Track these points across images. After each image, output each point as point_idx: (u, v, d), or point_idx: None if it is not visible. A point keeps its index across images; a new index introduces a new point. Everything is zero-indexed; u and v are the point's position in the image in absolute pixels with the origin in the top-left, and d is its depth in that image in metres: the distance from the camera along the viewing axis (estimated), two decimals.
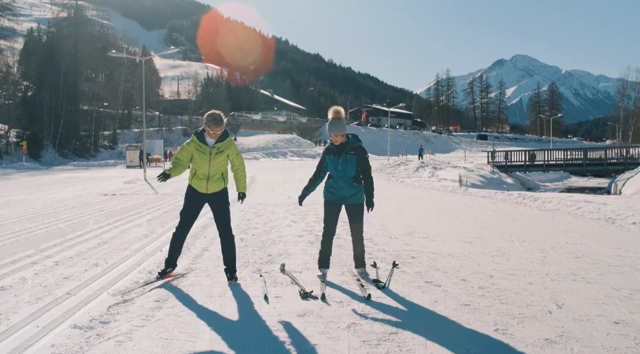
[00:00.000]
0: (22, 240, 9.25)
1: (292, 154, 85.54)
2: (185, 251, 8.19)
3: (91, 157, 67.25)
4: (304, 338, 4.40)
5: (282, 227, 10.78)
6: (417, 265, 7.22)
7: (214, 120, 6.05)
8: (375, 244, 8.83)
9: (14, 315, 5.00)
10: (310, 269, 6.92)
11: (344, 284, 6.16)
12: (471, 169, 39.31)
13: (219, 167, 6.26)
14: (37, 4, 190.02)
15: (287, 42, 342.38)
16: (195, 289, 5.95)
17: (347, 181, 6.27)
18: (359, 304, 5.35)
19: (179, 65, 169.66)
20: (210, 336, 4.43)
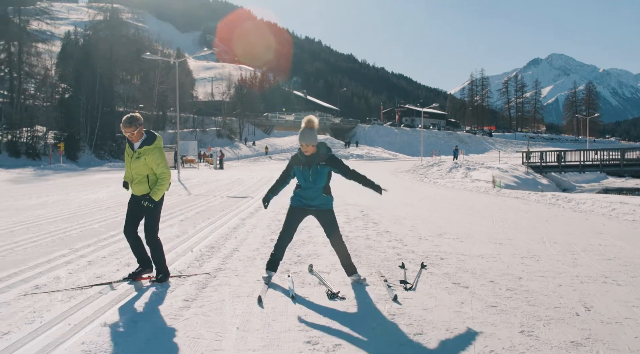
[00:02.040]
0: (57, 240, 9.45)
1: None
2: (215, 251, 8.31)
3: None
4: (328, 337, 4.44)
5: (312, 228, 10.80)
6: (446, 266, 7.21)
7: (124, 120, 6.17)
8: (404, 245, 8.83)
9: (47, 313, 5.13)
10: (339, 270, 6.94)
11: (371, 285, 6.18)
12: (505, 169, 38.96)
13: (139, 171, 6.27)
14: (75, 7, 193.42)
15: (320, 42, 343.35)
16: (224, 289, 6.03)
17: (317, 191, 6.22)
18: (385, 305, 5.37)
19: (213, 67, 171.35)
20: (237, 336, 4.49)
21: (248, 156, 79.20)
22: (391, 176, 34.70)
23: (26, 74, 65.30)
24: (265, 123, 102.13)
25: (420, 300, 5.54)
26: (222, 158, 52.14)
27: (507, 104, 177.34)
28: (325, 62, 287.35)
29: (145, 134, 6.30)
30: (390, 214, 13.10)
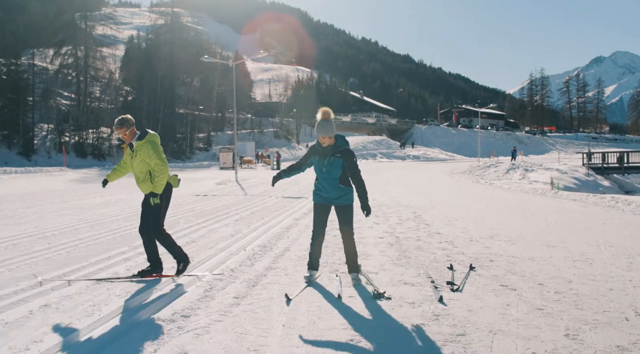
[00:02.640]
0: (118, 238, 9.81)
1: (381, 155, 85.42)
2: (267, 250, 8.49)
3: (187, 158, 69.54)
4: (371, 336, 4.54)
5: (364, 229, 10.92)
6: (495, 268, 7.20)
7: (115, 123, 6.37)
8: (455, 247, 8.84)
9: (105, 307, 5.39)
10: (387, 270, 7.04)
11: (418, 286, 6.24)
12: (564, 171, 38.14)
13: (140, 169, 6.48)
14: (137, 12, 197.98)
15: (376, 43, 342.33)
16: (273, 287, 6.20)
17: (332, 182, 6.24)
18: (430, 306, 5.43)
19: (270, 69, 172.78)
20: (282, 332, 4.64)
21: None
22: (447, 177, 34.45)
23: (92, 77, 67.39)
24: None
25: (466, 301, 5.58)
26: (279, 159, 52.61)
27: (568, 103, 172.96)
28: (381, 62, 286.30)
29: (138, 132, 6.51)
30: (443, 216, 13.07)
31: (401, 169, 48.60)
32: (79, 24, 67.12)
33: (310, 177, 30.46)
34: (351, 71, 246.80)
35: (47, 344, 4.38)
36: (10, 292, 5.97)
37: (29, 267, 7.28)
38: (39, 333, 4.67)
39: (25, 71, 60.26)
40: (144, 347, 4.31)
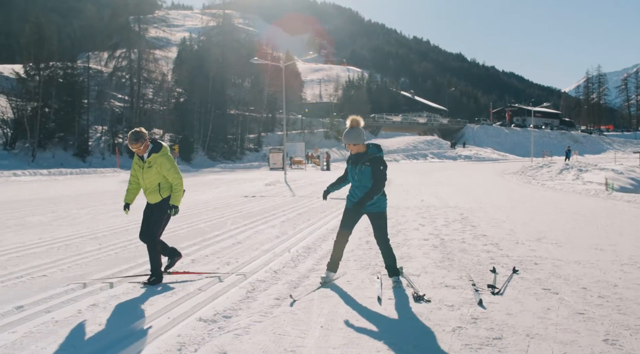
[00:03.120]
0: (166, 239, 9.97)
1: (432, 155, 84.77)
2: (311, 252, 8.59)
3: (237, 159, 70.26)
4: (407, 339, 4.58)
5: (409, 231, 10.91)
6: (539, 272, 7.13)
7: (130, 137, 6.44)
8: (500, 249, 8.76)
9: (150, 307, 5.57)
10: (429, 273, 7.05)
11: (459, 288, 6.24)
12: (620, 171, 37.17)
13: (152, 181, 6.61)
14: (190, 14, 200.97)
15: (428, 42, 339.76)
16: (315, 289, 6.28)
17: (363, 190, 6.31)
18: (469, 309, 5.43)
19: (321, 69, 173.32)
20: (320, 334, 4.72)
21: None
22: (497, 177, 33.99)
23: (145, 79, 68.68)
24: (372, 124, 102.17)
25: (506, 305, 5.55)
26: (328, 159, 52.71)
27: (627, 101, 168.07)
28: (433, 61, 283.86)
29: (151, 144, 6.65)
30: (490, 218, 12.95)
31: (452, 169, 48.13)
32: (133, 27, 68.50)
33: None
34: (402, 71, 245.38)
35: (93, 343, 4.56)
36: (61, 291, 6.21)
37: (79, 267, 7.53)
38: (87, 331, 4.86)
39: (81, 74, 61.82)
40: (184, 346, 4.45)
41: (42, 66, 55.62)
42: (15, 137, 52.69)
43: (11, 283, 6.62)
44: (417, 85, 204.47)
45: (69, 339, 4.66)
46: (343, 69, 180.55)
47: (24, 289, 6.36)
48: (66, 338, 4.70)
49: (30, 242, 9.76)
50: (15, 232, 11.15)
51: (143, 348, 4.44)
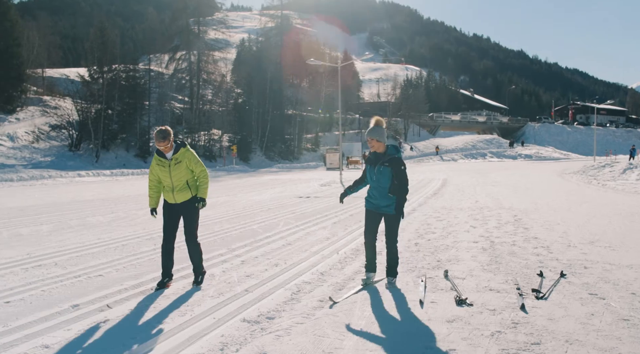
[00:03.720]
0: (219, 240, 10.29)
1: (491, 154, 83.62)
2: (359, 254, 8.64)
3: (295, 159, 70.77)
4: (445, 343, 4.62)
5: (460, 233, 10.86)
6: (588, 276, 7.03)
7: (157, 134, 6.46)
8: (550, 252, 8.66)
9: (197, 307, 5.76)
10: (475, 276, 7.04)
11: (503, 292, 6.22)
12: None
13: (181, 177, 6.63)
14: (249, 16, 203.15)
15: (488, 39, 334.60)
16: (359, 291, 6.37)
17: (381, 191, 6.44)
18: (510, 313, 5.42)
19: (379, 68, 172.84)
20: (359, 336, 4.81)
21: (412, 157, 79.14)
22: (557, 177, 33.30)
23: (204, 81, 69.84)
24: (430, 123, 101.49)
25: (549, 310, 5.52)
26: None
27: None
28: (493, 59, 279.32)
29: (174, 142, 6.72)
30: (544, 220, 12.76)
31: (510, 169, 47.38)
32: (193, 29, 69.78)
33: (414, 178, 30.36)
34: (462, 69, 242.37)
35: (141, 341, 4.76)
36: (114, 291, 6.48)
37: (134, 267, 7.81)
38: (136, 330, 5.08)
39: (142, 77, 63.29)
40: (227, 346, 4.61)
41: (105, 69, 57.23)
42: (80, 139, 54.34)
43: (69, 282, 6.93)
44: (477, 84, 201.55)
45: (119, 337, 4.88)
46: (401, 68, 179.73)
47: (81, 288, 6.65)
48: (116, 335, 4.93)
49: (90, 242, 10.15)
50: (76, 232, 11.60)
51: (187, 346, 4.62)
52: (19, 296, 6.29)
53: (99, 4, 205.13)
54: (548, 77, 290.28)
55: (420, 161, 74.91)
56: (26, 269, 7.80)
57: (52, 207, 17.60)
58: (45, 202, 19.29)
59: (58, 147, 52.84)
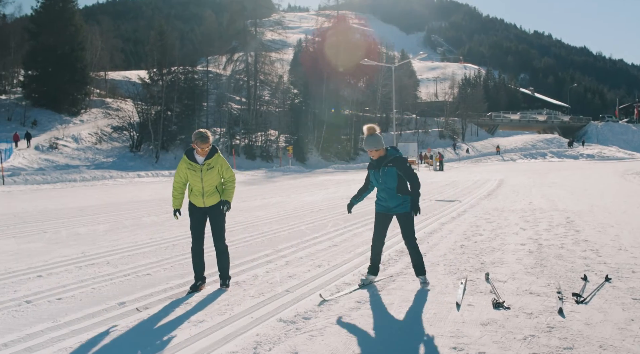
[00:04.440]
0: (266, 240, 10.48)
1: (551, 154, 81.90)
2: (403, 255, 8.67)
3: (351, 159, 70.87)
4: (475, 345, 4.63)
5: (508, 235, 10.75)
6: (635, 281, 6.89)
7: (200, 137, 6.48)
8: (599, 255, 8.50)
9: (237, 307, 5.92)
10: (516, 279, 6.99)
11: (543, 296, 6.16)
12: None
13: (212, 182, 6.65)
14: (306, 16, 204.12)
15: (550, 36, 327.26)
16: (397, 293, 6.42)
17: (389, 192, 6.55)
18: (547, 317, 5.38)
19: (437, 67, 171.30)
20: (390, 338, 4.88)
21: (470, 157, 78.27)
22: (618, 178, 32.39)
23: (261, 82, 70.59)
24: (489, 123, 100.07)
25: (587, 314, 5.46)
26: (441, 160, 52.12)
27: None
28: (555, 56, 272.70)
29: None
30: (598, 222, 12.49)
31: (570, 169, 46.37)
32: (250, 30, 70.62)
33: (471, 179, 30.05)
34: (522, 67, 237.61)
35: (178, 338, 4.94)
36: (160, 290, 6.71)
37: (181, 267, 8.05)
38: (176, 327, 5.27)
39: (201, 78, 64.45)
40: (260, 345, 4.74)
41: (164, 71, 58.51)
42: (141, 140, 55.76)
43: (119, 280, 7.20)
44: (538, 82, 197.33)
45: (159, 333, 5.09)
46: (459, 66, 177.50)
47: (129, 286, 6.90)
48: (157, 331, 5.14)
49: (142, 241, 10.48)
50: (130, 231, 11.98)
51: (223, 345, 4.77)
52: (70, 293, 6.58)
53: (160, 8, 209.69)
54: (612, 75, 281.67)
55: (478, 161, 74.00)
56: (80, 267, 8.13)
57: (110, 207, 18.18)
58: (104, 203, 19.93)
59: (119, 148, 54.35)
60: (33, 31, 58.28)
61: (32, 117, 54.53)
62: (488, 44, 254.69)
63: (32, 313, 5.78)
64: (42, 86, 57.07)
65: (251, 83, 70.22)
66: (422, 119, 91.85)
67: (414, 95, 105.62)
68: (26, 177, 33.83)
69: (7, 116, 54.25)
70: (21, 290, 6.78)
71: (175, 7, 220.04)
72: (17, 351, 4.68)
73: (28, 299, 6.32)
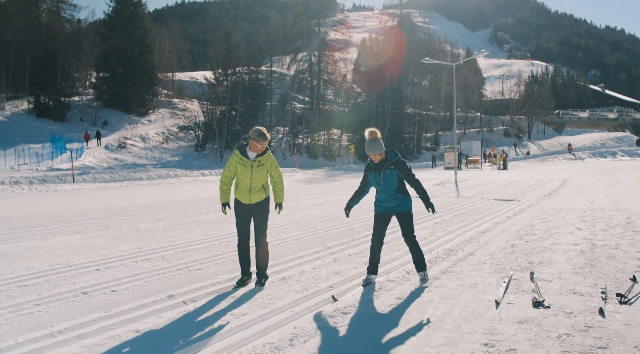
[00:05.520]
0: (318, 238, 10.65)
1: (622, 153, 79.59)
2: (451, 254, 8.71)
3: (414, 158, 70.53)
4: (506, 342, 4.66)
5: (562, 235, 10.59)
6: None
7: (261, 134, 6.61)
8: None
9: (279, 301, 6.10)
10: (562, 278, 6.93)
11: (586, 296, 6.10)
12: None
13: (260, 180, 6.78)
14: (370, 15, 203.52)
15: (622, 31, 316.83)
16: (438, 290, 6.48)
17: (390, 193, 6.71)
18: (586, 317, 5.34)
19: (503, 64, 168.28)
20: (424, 333, 4.95)
21: (536, 155, 76.74)
22: None
23: (324, 81, 70.98)
24: (556, 121, 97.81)
25: (629, 315, 5.39)
26: (505, 158, 51.26)
27: None
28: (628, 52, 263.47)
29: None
30: None
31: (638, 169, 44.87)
32: (314, 30, 71.14)
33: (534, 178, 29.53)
34: (592, 63, 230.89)
35: (218, 330, 5.16)
36: (208, 284, 6.97)
37: (232, 263, 8.29)
38: (218, 320, 5.49)
39: (265, 78, 65.29)
40: (296, 337, 4.90)
41: (229, 72, 59.56)
42: (206, 139, 56.91)
43: (170, 275, 7.49)
44: (609, 78, 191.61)
45: (201, 324, 5.32)
46: (527, 63, 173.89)
47: (180, 280, 7.18)
48: (199, 323, 5.37)
49: (197, 238, 10.82)
50: (188, 228, 12.36)
51: (261, 337, 4.94)
52: (124, 285, 6.89)
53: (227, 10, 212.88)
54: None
55: (544, 159, 72.55)
56: (136, 261, 8.48)
57: (171, 205, 18.73)
58: (166, 200, 20.52)
59: (185, 148, 55.60)
60: (105, 35, 60.41)
61: (102, 118, 56.50)
62: (557, 40, 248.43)
63: (86, 303, 6.11)
64: (113, 88, 59.11)
65: (314, 82, 70.72)
66: (487, 117, 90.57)
67: (478, 93, 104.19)
68: (95, 176, 35.06)
69: (80, 117, 56.32)
70: (79, 282, 7.15)
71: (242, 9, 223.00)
72: (69, 337, 4.97)
73: (85, 290, 6.66)
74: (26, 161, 41.80)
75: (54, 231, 12.26)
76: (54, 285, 7.02)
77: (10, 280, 7.35)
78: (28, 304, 6.11)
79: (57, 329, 5.19)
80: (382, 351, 4.57)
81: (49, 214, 16.01)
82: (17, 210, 17.72)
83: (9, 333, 5.12)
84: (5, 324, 5.40)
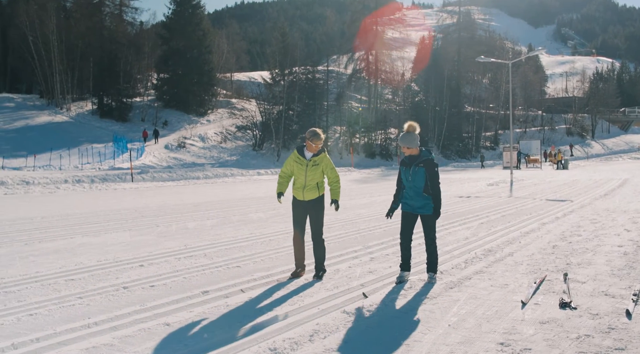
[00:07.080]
0: (360, 237, 10.78)
1: None
2: (490, 254, 8.69)
3: (472, 157, 69.62)
4: (523, 342, 4.67)
5: (609, 236, 10.40)
6: None
7: (315, 135, 7.01)
8: None
9: (309, 298, 6.25)
10: (597, 280, 6.86)
11: (618, 298, 6.03)
12: None
13: (314, 178, 7.13)
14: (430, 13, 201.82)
15: None
16: (467, 290, 6.50)
17: (416, 191, 6.74)
18: (612, 319, 5.30)
19: (567, 61, 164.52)
20: (443, 331, 5.01)
21: (600, 154, 74.82)
22: None
23: (382, 80, 70.84)
24: (622, 119, 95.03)
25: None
26: (564, 158, 50.09)
27: None
28: None
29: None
30: None
31: None
32: (372, 29, 71.03)
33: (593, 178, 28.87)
34: None
35: (244, 325, 5.34)
36: (243, 281, 7.18)
37: (271, 260, 8.50)
38: (246, 316, 5.66)
39: (322, 78, 65.58)
40: (317, 333, 5.03)
41: (286, 72, 60.11)
42: (263, 139, 57.59)
43: (209, 272, 7.74)
44: None
45: (228, 320, 5.50)
46: (592, 60, 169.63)
47: (217, 277, 7.41)
48: (226, 319, 5.56)
49: (242, 236, 11.08)
50: (234, 227, 12.65)
51: (283, 332, 5.09)
52: (163, 281, 7.17)
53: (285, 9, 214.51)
54: None
55: (608, 159, 70.62)
56: (179, 258, 8.77)
57: (223, 203, 19.13)
58: (218, 199, 20.96)
59: (243, 147, 56.38)
60: (165, 36, 61.82)
61: (163, 118, 57.85)
62: (624, 35, 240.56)
63: (125, 297, 6.39)
64: (173, 88, 60.48)
65: (371, 82, 70.66)
66: (549, 115, 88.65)
67: (540, 91, 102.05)
68: (154, 175, 35.96)
69: (141, 117, 57.83)
70: (122, 277, 7.46)
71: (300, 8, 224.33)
72: (103, 329, 5.24)
73: (125, 285, 6.96)
74: (89, 160, 43.19)
75: (106, 229, 12.74)
76: (98, 280, 7.36)
77: (59, 274, 7.73)
78: (71, 297, 6.45)
79: (94, 321, 5.47)
80: (397, 347, 4.66)
81: (104, 212, 16.60)
82: (76, 208, 18.41)
83: (49, 324, 5.43)
84: (47, 315, 5.73)
